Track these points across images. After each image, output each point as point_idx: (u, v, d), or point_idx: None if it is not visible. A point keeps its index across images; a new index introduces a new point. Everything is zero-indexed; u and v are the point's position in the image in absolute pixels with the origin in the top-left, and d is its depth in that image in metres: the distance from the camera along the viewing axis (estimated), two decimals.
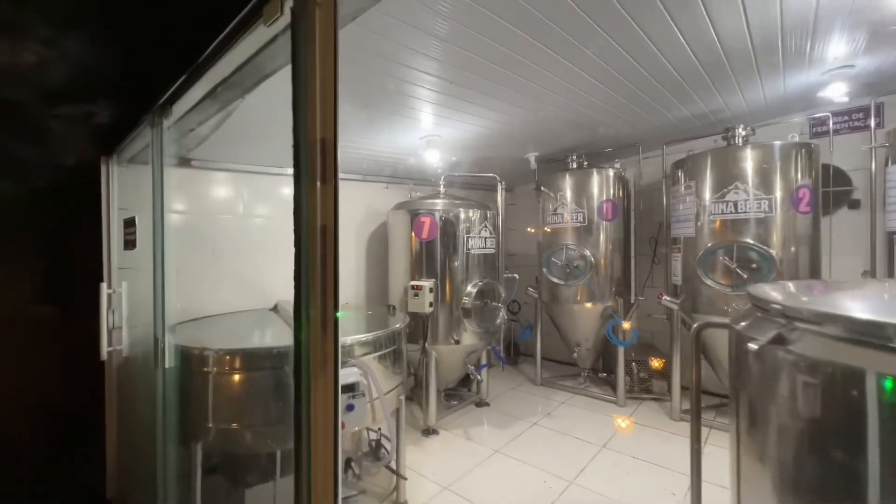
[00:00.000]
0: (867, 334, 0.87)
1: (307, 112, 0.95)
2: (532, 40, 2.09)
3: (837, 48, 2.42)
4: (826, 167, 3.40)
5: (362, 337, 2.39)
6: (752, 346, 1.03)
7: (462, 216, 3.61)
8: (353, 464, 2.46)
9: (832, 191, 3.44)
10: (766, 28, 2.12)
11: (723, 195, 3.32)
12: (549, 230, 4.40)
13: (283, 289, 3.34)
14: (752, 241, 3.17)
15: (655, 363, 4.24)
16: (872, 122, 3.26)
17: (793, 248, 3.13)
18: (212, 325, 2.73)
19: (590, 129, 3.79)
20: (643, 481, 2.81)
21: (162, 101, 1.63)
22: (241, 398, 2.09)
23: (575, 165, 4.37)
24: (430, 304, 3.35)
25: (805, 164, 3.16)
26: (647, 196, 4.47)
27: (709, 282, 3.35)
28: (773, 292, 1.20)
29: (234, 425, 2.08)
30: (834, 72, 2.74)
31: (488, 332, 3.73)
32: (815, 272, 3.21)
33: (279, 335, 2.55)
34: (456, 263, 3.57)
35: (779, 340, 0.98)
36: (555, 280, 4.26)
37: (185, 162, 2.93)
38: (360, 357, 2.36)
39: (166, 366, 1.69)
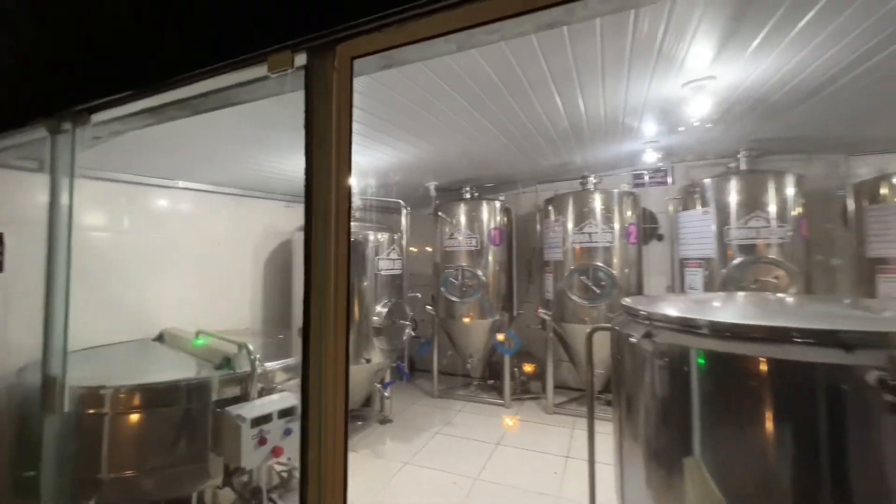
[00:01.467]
0: (690, 326, 1.41)
1: (326, 161, 1.08)
2: (450, 90, 2.45)
3: (651, 129, 3.43)
4: (644, 210, 4.63)
5: (286, 362, 2.34)
6: (632, 339, 1.52)
7: (372, 238, 3.75)
8: (270, 496, 2.34)
9: (647, 227, 4.69)
10: (613, 110, 2.92)
11: (581, 227, 4.23)
12: (446, 252, 4.83)
13: (170, 315, 2.94)
14: (602, 265, 4.11)
15: (529, 368, 4.97)
16: (669, 180, 4.61)
17: (626, 270, 4.17)
18: (89, 361, 2.28)
19: (483, 166, 4.38)
20: (532, 467, 3.33)
21: (81, 108, 1.45)
22: (146, 440, 1.85)
23: (469, 196, 4.93)
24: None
25: (632, 207, 4.27)
26: (524, 225, 5.29)
27: (572, 297, 4.18)
28: (638, 304, 1.74)
29: (131, 472, 1.83)
30: (648, 143, 3.84)
31: (396, 349, 3.89)
32: (639, 288, 4.31)
33: (179, 367, 2.30)
34: (366, 284, 3.67)
35: (647, 335, 1.48)
36: (452, 298, 4.68)
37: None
38: (283, 383, 2.31)
39: (64, 409, 1.45)
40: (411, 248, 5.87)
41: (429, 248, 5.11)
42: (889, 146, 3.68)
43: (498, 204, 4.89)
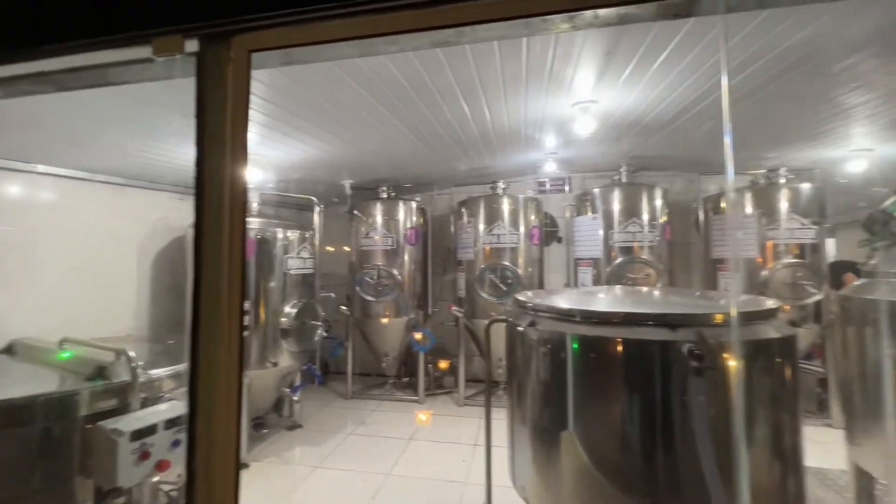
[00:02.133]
0: (567, 315, 1.64)
1: (219, 153, 1.05)
2: (362, 91, 2.48)
3: (551, 141, 3.81)
4: (546, 214, 5.10)
5: (176, 369, 2.16)
6: (520, 328, 1.71)
7: (280, 236, 3.59)
8: None
9: (548, 230, 5.17)
10: (516, 122, 3.18)
11: (491, 229, 4.52)
12: (361, 251, 4.79)
13: (25, 323, 2.49)
14: (508, 264, 4.43)
15: (443, 364, 5.16)
16: (567, 188, 5.14)
17: (530, 269, 4.56)
18: None
19: (399, 167, 4.45)
20: (442, 458, 3.48)
21: None
22: None
23: (385, 196, 4.95)
24: (245, 328, 3.17)
25: (535, 212, 4.68)
26: (440, 225, 5.46)
27: (483, 294, 4.45)
28: (527, 296, 1.95)
29: None
30: (548, 154, 4.25)
31: (306, 351, 3.77)
32: (541, 285, 4.74)
33: (34, 381, 1.98)
34: (273, 284, 3.50)
35: (532, 324, 1.68)
36: (367, 297, 4.66)
37: None
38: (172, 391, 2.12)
39: None
40: (328, 248, 5.71)
41: (347, 249, 5.01)
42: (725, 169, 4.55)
43: (414, 204, 4.99)
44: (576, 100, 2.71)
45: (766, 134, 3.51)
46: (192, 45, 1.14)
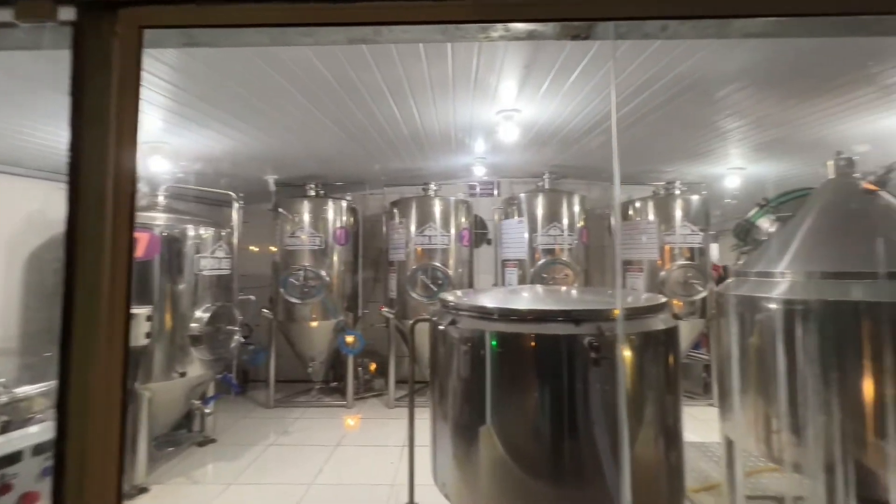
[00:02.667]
0: (486, 313, 1.70)
1: (101, 137, 0.93)
2: (285, 83, 2.36)
3: (480, 146, 3.94)
4: (476, 216, 5.25)
5: (50, 385, 1.87)
6: (441, 327, 1.74)
7: (192, 233, 3.28)
8: None
9: (478, 232, 5.34)
10: (445, 125, 3.24)
11: (423, 230, 4.55)
12: (286, 251, 4.55)
13: None
14: (439, 265, 4.50)
15: (373, 366, 5.07)
16: (496, 192, 5.35)
17: (460, 270, 4.66)
18: None
19: (328, 164, 4.30)
20: (369, 461, 3.42)
21: None
22: None
23: (313, 193, 4.75)
24: (147, 335, 2.84)
25: (466, 214, 4.80)
26: (372, 225, 5.37)
27: (413, 294, 4.46)
28: (449, 296, 2.00)
29: None
30: (478, 158, 4.39)
31: (221, 359, 3.48)
32: (471, 285, 4.87)
33: None
34: (182, 286, 3.18)
35: (453, 323, 1.72)
36: (292, 299, 4.43)
37: None
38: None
39: None
40: (252, 248, 5.32)
41: (273, 249, 4.71)
42: (633, 179, 5.07)
43: (344, 203, 4.86)
44: (500, 108, 2.84)
45: (663, 151, 3.96)
46: (67, 13, 1.01)
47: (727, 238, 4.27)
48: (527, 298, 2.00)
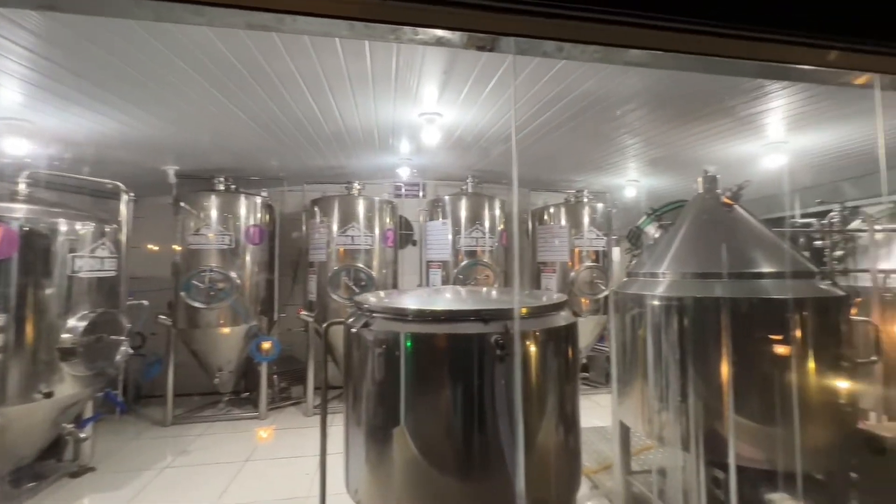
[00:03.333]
0: (400, 314, 1.70)
1: None
2: (188, 69, 2.15)
3: (405, 147, 3.94)
4: (401, 217, 5.24)
5: None
6: (353, 329, 1.70)
7: (64, 229, 2.81)
8: None
9: (404, 233, 5.33)
10: (367, 124, 3.19)
11: (345, 230, 4.41)
12: (190, 251, 4.11)
13: None
14: (362, 266, 4.40)
15: (289, 374, 4.81)
16: (421, 194, 5.38)
17: (384, 271, 4.61)
18: None
19: (241, 157, 3.98)
20: (283, 474, 3.22)
21: None
22: None
23: (223, 188, 4.36)
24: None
25: (390, 214, 4.76)
26: (291, 224, 5.08)
27: (335, 296, 4.31)
28: (363, 298, 1.96)
29: None
30: (403, 159, 4.39)
31: (102, 374, 3.02)
32: (395, 286, 4.83)
33: None
34: (50, 291, 2.71)
35: (366, 325, 1.69)
36: (196, 304, 4.02)
37: None
38: None
39: None
40: (149, 246, 4.72)
41: (177, 248, 4.21)
42: (548, 187, 5.44)
43: (259, 200, 4.53)
44: (422, 110, 2.87)
45: (573, 161, 4.32)
46: None
47: (625, 242, 4.78)
48: (440, 299, 2.04)
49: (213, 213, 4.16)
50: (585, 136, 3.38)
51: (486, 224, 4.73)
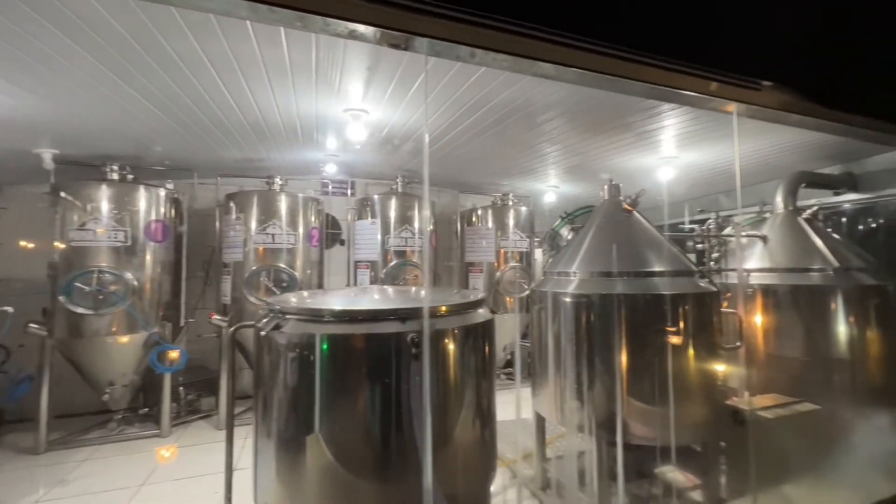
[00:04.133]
0: (315, 315, 1.64)
1: None
2: (66, 38, 1.86)
3: (332, 143, 3.80)
4: (328, 216, 5.05)
5: None
6: (263, 333, 1.59)
7: None
8: None
9: (331, 232, 5.14)
10: (288, 116, 3.02)
11: (265, 228, 4.14)
12: (72, 248, 3.56)
13: None
14: (284, 266, 4.16)
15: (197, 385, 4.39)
16: (349, 192, 5.24)
17: (308, 271, 4.40)
18: None
19: (140, 143, 3.55)
20: (188, 495, 2.92)
21: None
22: None
23: (116, 177, 3.84)
24: None
25: (316, 213, 4.57)
26: (201, 220, 4.63)
27: (252, 299, 4.02)
28: (278, 298, 1.85)
29: None
30: (330, 155, 4.23)
31: None
32: (321, 287, 4.64)
33: None
34: None
35: (276, 327, 1.60)
36: (80, 309, 3.48)
37: None
38: None
39: None
40: (24, 243, 3.98)
41: (58, 245, 3.59)
42: (477, 190, 5.61)
43: (163, 192, 4.06)
44: (347, 106, 2.79)
45: (499, 166, 4.50)
46: None
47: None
48: (357, 299, 2.00)
49: (104, 206, 3.64)
50: (509, 142, 3.54)
51: (416, 224, 4.74)
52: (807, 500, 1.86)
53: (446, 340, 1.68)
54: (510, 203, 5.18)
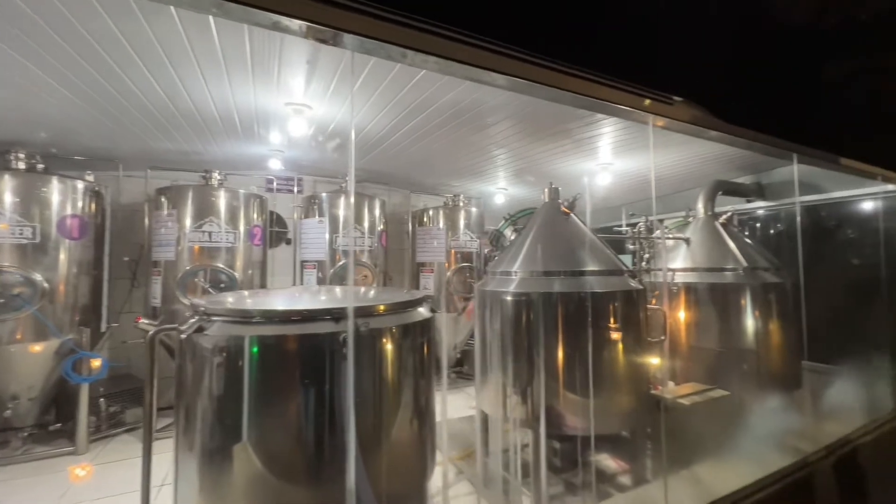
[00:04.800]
0: (245, 315, 1.57)
1: None
2: None
3: (275, 137, 3.65)
4: (272, 213, 4.84)
5: None
6: (184, 336, 1.50)
7: None
8: None
9: (276, 231, 4.93)
10: (225, 107, 2.86)
11: (200, 225, 3.89)
12: None
13: None
14: (222, 266, 3.93)
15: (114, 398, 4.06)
16: (296, 189, 5.06)
17: (250, 271, 4.20)
18: None
19: (54, 131, 3.21)
20: None
21: None
22: None
23: (24, 166, 3.44)
24: None
25: (259, 210, 4.37)
26: (127, 216, 4.27)
27: (186, 301, 3.76)
28: (203, 300, 1.75)
29: None
30: (274, 151, 4.06)
31: None
32: (263, 288, 4.44)
33: None
34: None
35: (199, 329, 1.51)
36: None
37: None
38: None
39: None
40: None
41: None
42: (429, 190, 5.64)
43: (82, 185, 3.70)
44: (289, 100, 2.70)
45: (449, 167, 4.55)
46: None
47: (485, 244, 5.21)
48: (289, 299, 1.94)
49: (7, 198, 3.25)
50: (459, 144, 3.59)
51: (366, 224, 4.67)
52: (712, 476, 2.06)
53: (384, 339, 1.68)
54: (461, 204, 5.25)
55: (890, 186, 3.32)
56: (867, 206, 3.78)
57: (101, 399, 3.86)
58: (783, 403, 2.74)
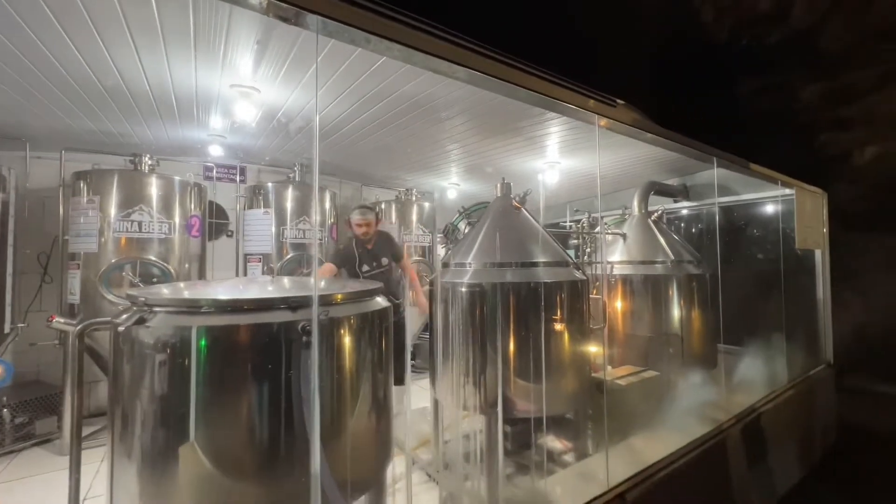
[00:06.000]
0: (192, 305, 1.47)
1: None
2: None
3: (216, 122, 3.41)
4: (212, 203, 4.52)
5: None
6: (121, 328, 1.38)
7: None
8: None
9: (216, 222, 4.62)
10: (160, 85, 2.63)
11: (128, 214, 3.54)
12: None
13: None
14: (154, 259, 3.62)
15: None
16: (239, 178, 4.77)
17: (187, 265, 3.90)
18: None
19: None
20: None
21: None
22: None
23: None
24: None
25: (197, 199, 4.06)
26: (38, 203, 3.78)
27: (111, 297, 3.42)
28: (143, 290, 1.62)
29: None
30: (215, 136, 3.80)
31: None
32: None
33: None
34: None
35: (140, 321, 1.40)
36: None
37: None
38: None
39: None
40: None
41: None
42: (381, 183, 5.57)
43: None
44: (235, 81, 2.55)
45: (402, 161, 4.54)
46: None
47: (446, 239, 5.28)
48: (242, 288, 1.85)
49: None
50: (413, 136, 3.59)
51: (316, 217, 4.52)
52: (646, 446, 2.29)
53: (342, 329, 1.66)
54: (414, 198, 5.25)
55: (787, 190, 3.85)
56: (769, 207, 4.35)
57: (5, 409, 3.40)
58: (702, 381, 3.10)
